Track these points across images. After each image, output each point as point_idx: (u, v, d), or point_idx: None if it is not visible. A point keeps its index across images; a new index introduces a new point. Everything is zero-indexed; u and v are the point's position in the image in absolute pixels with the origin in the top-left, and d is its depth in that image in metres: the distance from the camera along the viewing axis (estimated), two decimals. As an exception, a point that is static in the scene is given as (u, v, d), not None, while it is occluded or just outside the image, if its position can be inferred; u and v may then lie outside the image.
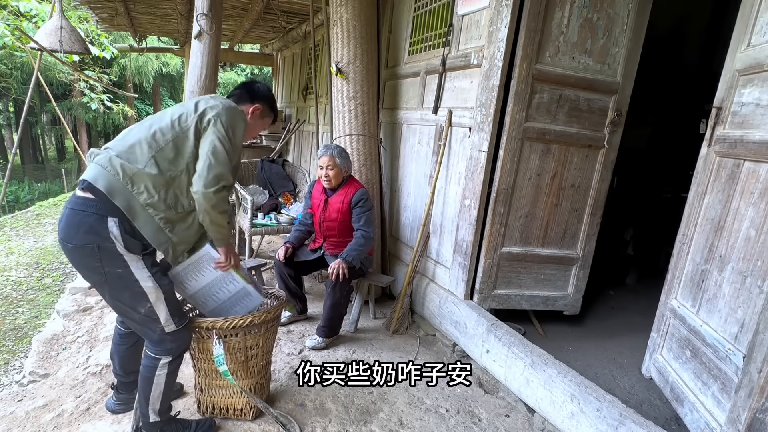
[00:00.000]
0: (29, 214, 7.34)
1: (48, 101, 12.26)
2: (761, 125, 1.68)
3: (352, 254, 2.66)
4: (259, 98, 1.92)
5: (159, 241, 1.63)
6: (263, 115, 1.96)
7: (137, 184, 1.57)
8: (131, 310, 1.63)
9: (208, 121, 1.66)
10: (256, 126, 1.96)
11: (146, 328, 1.66)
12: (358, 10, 3.31)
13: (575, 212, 2.76)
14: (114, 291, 1.61)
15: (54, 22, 4.95)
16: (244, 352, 1.92)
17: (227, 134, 1.67)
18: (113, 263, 1.55)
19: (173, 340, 1.69)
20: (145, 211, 1.58)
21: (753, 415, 1.43)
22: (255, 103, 1.91)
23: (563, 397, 1.95)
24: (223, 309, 1.96)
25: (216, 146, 1.63)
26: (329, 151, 2.72)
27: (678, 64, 4.43)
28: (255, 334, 1.93)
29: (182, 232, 1.68)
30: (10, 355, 3.02)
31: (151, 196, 1.58)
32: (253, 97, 1.91)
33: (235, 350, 1.90)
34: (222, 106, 1.71)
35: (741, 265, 1.73)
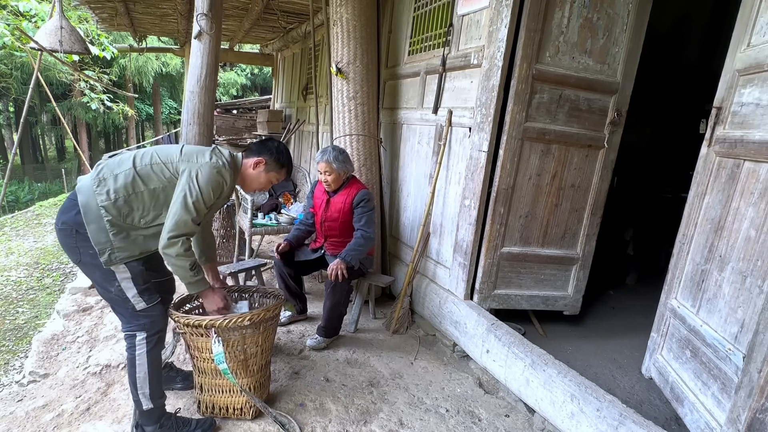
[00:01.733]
0: (29, 214, 7.34)
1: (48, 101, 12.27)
2: (761, 125, 1.68)
3: (351, 254, 2.66)
4: (264, 152, 1.99)
5: (98, 241, 1.72)
6: (268, 170, 2.01)
7: (102, 186, 1.72)
8: (104, 289, 1.80)
9: (183, 170, 1.78)
10: (258, 178, 2.02)
11: (119, 306, 1.82)
12: (358, 10, 3.31)
13: (575, 212, 2.76)
14: (88, 270, 1.81)
15: (54, 22, 4.94)
16: (243, 350, 1.92)
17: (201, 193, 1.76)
18: (87, 245, 1.72)
19: (145, 316, 1.82)
20: (98, 210, 1.71)
21: (753, 415, 1.43)
22: (259, 156, 1.99)
23: (563, 397, 1.95)
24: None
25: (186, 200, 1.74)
26: (326, 156, 2.69)
27: (678, 64, 4.43)
28: (254, 333, 1.93)
29: (123, 240, 1.75)
30: (10, 355, 3.02)
31: (108, 198, 1.71)
32: (259, 151, 2.00)
33: (234, 348, 1.90)
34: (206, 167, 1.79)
35: (741, 265, 1.73)
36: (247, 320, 1.86)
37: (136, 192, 1.75)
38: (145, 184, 1.76)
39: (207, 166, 1.79)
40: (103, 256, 1.73)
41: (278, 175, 2.06)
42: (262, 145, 2.02)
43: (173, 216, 1.73)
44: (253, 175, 2.00)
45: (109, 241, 1.72)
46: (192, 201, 1.74)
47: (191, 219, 1.74)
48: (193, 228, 1.76)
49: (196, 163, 1.80)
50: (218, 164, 1.82)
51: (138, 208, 1.76)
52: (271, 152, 2.00)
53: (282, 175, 2.08)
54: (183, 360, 2.46)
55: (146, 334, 1.81)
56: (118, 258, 1.74)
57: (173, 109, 19.66)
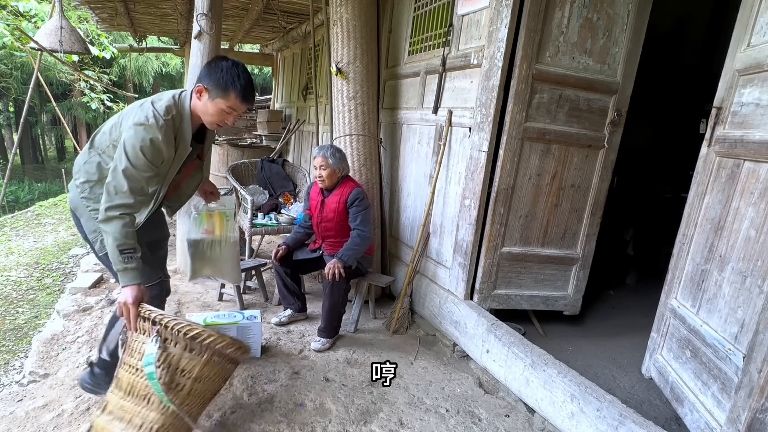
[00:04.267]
0: (29, 214, 7.34)
1: (48, 101, 12.27)
2: (761, 125, 1.68)
3: (348, 254, 2.66)
4: (203, 77, 1.69)
5: (89, 229, 1.78)
6: (212, 97, 1.68)
7: (77, 178, 1.77)
8: (110, 266, 1.80)
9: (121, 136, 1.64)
10: (206, 110, 1.71)
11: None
12: (358, 10, 3.31)
13: (575, 212, 2.76)
14: (95, 251, 1.84)
15: (54, 22, 4.95)
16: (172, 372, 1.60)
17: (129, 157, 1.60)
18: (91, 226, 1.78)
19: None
20: (81, 202, 1.77)
21: (753, 415, 1.43)
22: (199, 82, 1.69)
23: (563, 397, 1.95)
24: None
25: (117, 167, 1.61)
26: (323, 152, 2.73)
27: (678, 64, 4.43)
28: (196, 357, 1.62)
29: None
30: (10, 355, 3.02)
31: (85, 190, 1.75)
32: (200, 77, 1.70)
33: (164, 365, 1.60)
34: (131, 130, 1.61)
35: (741, 265, 1.73)
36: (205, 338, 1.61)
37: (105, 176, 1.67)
38: (108, 165, 1.68)
39: (131, 129, 1.60)
40: (95, 244, 1.77)
41: (227, 101, 1.68)
42: (203, 68, 1.71)
43: (106, 187, 1.61)
44: (200, 107, 1.71)
45: (98, 229, 1.70)
46: (121, 169, 1.59)
47: (128, 188, 1.59)
48: (131, 196, 1.60)
49: (126, 127, 1.64)
50: (142, 120, 1.61)
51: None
52: (210, 75, 1.67)
53: (232, 102, 1.68)
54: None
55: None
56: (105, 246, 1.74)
57: (173, 109, 19.63)
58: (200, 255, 2.27)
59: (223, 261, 2.31)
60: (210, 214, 2.28)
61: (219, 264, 2.31)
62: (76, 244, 5.40)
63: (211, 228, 2.26)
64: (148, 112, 1.63)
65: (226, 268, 2.34)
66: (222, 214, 2.30)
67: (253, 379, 2.31)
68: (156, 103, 1.67)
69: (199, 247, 2.26)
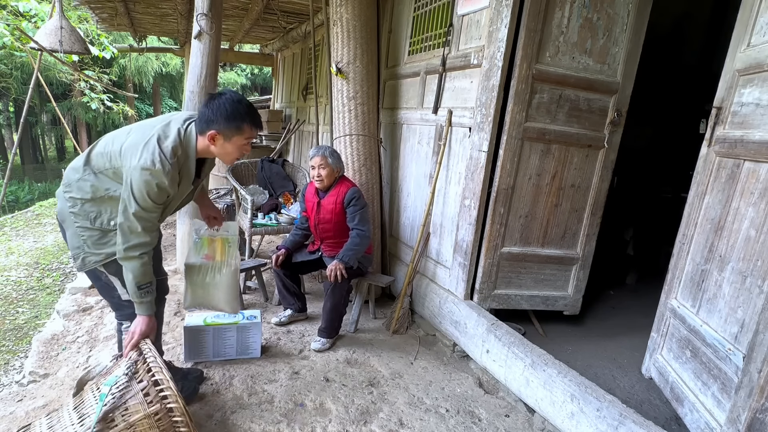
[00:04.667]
0: (29, 214, 7.34)
1: (48, 101, 12.27)
2: (761, 125, 1.68)
3: (349, 254, 2.66)
4: (211, 123, 1.67)
5: (73, 245, 1.76)
6: (228, 138, 1.69)
7: (68, 192, 1.74)
8: (95, 277, 1.85)
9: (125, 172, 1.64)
10: (224, 151, 1.73)
11: (107, 293, 1.89)
12: (358, 10, 3.31)
13: (575, 212, 2.76)
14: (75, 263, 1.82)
15: (54, 22, 4.94)
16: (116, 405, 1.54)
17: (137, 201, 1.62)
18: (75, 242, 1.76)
19: (129, 307, 1.83)
20: (69, 216, 1.74)
21: (753, 415, 1.43)
22: (210, 129, 1.67)
23: (563, 397, 1.95)
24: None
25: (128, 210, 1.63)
26: (321, 152, 2.72)
27: (678, 64, 4.43)
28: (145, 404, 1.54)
29: (97, 243, 1.75)
30: (10, 355, 3.02)
31: (75, 205, 1.72)
32: (207, 121, 1.67)
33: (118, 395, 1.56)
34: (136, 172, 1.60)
35: (741, 265, 1.73)
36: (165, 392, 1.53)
37: (98, 197, 1.70)
38: (105, 188, 1.70)
39: (137, 171, 1.60)
40: (77, 260, 1.76)
41: (243, 135, 1.70)
42: (206, 110, 1.67)
43: (120, 228, 1.66)
44: (217, 150, 1.72)
45: (82, 246, 1.74)
46: (132, 212, 1.63)
47: (141, 228, 1.65)
48: (146, 235, 1.66)
49: (129, 165, 1.63)
50: (148, 164, 1.59)
51: (105, 210, 1.73)
52: (218, 118, 1.65)
53: (248, 133, 1.72)
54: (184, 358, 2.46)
55: (130, 323, 1.83)
56: (91, 262, 1.76)
57: (173, 109, 19.63)
58: (198, 282, 2.13)
59: (221, 289, 2.16)
60: (212, 239, 2.19)
61: (217, 292, 2.16)
62: (76, 244, 5.40)
63: (212, 254, 2.15)
64: (154, 156, 1.61)
65: (224, 297, 2.17)
66: (224, 240, 2.19)
67: (253, 379, 2.31)
68: (162, 143, 1.64)
69: (197, 273, 2.12)
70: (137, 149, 1.63)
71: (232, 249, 2.19)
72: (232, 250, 2.19)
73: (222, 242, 2.18)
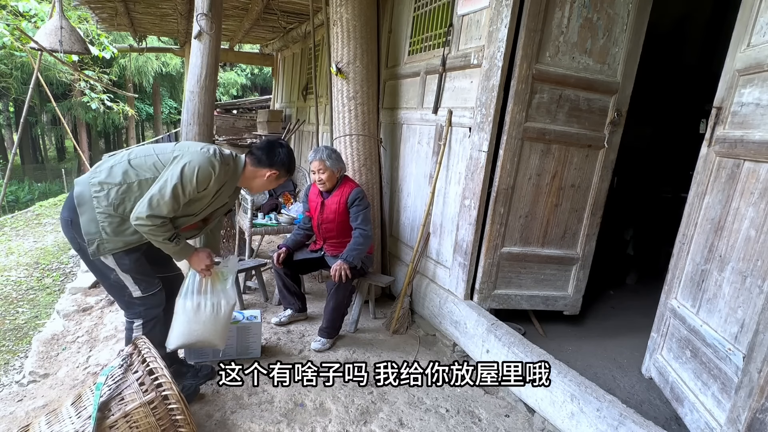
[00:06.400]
0: (29, 214, 7.34)
1: (48, 101, 12.26)
2: (761, 125, 1.68)
3: (353, 254, 2.66)
4: (276, 165, 2.03)
5: (87, 231, 1.78)
6: (278, 179, 2.09)
7: (96, 177, 1.79)
8: (103, 277, 1.91)
9: (174, 158, 1.82)
10: (269, 185, 2.11)
11: (117, 293, 1.94)
12: (358, 10, 3.30)
13: (575, 212, 2.76)
14: (87, 259, 1.87)
15: (54, 22, 4.94)
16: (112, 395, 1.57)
17: (183, 176, 1.78)
18: (82, 236, 1.80)
19: (141, 304, 1.94)
20: (91, 201, 1.77)
21: (753, 415, 1.43)
22: (272, 169, 2.03)
23: (563, 397, 1.95)
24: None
25: (166, 183, 1.76)
26: (319, 155, 2.70)
27: (678, 64, 4.43)
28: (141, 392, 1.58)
29: (115, 231, 1.80)
30: (10, 355, 3.02)
31: (101, 189, 1.77)
32: (271, 163, 2.03)
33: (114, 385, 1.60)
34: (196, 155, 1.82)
35: (741, 265, 1.73)
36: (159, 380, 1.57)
37: (128, 183, 1.78)
38: (138, 175, 1.80)
39: (198, 155, 1.82)
40: (91, 246, 1.79)
41: (283, 180, 2.13)
42: (271, 155, 2.02)
43: (149, 194, 1.75)
44: (264, 183, 2.06)
45: (99, 232, 1.78)
46: (171, 185, 1.75)
47: (165, 203, 1.75)
48: (164, 213, 1.76)
49: (188, 152, 1.83)
50: (209, 154, 1.84)
51: (130, 198, 1.79)
52: (283, 164, 2.05)
53: (287, 176, 2.14)
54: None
55: (142, 321, 1.95)
56: (106, 249, 1.80)
57: (173, 109, 19.66)
58: (187, 318, 2.02)
59: (216, 325, 2.08)
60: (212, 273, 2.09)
61: (212, 329, 2.07)
62: (76, 244, 5.40)
63: (205, 289, 2.06)
64: (215, 151, 1.88)
65: (217, 332, 2.09)
66: (220, 274, 2.11)
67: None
68: (219, 151, 1.92)
69: (192, 310, 2.02)
70: (198, 144, 1.90)
71: (230, 283, 2.13)
72: (229, 284, 2.12)
73: (218, 276, 2.10)
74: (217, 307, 2.08)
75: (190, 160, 1.80)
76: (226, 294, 2.12)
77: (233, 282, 2.16)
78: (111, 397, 1.58)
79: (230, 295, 2.13)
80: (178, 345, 2.06)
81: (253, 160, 2.02)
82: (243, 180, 2.05)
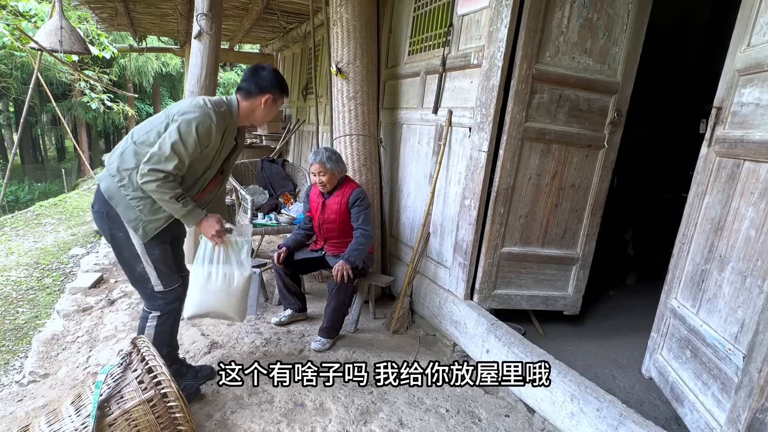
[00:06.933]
0: (29, 214, 7.34)
1: (48, 101, 12.26)
2: (761, 125, 1.68)
3: (354, 254, 2.67)
4: (266, 88, 1.98)
5: (128, 218, 1.84)
6: (275, 101, 2.03)
7: (113, 167, 1.82)
8: (129, 269, 1.96)
9: (173, 119, 1.82)
10: (270, 112, 2.05)
11: (140, 285, 1.99)
12: (358, 10, 3.31)
13: (575, 212, 2.76)
14: (118, 250, 1.94)
15: (54, 22, 4.95)
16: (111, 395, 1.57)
17: (180, 132, 1.77)
18: (117, 227, 1.87)
19: (161, 298, 1.99)
20: (119, 191, 1.82)
21: (753, 415, 1.43)
22: (265, 93, 1.98)
23: (563, 397, 1.95)
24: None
25: (165, 140, 1.77)
26: (318, 158, 2.69)
27: (678, 64, 4.43)
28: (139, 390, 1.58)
29: (150, 211, 1.84)
30: (10, 355, 3.02)
31: (123, 178, 1.81)
32: (261, 88, 1.98)
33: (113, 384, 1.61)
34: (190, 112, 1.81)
35: (741, 265, 1.73)
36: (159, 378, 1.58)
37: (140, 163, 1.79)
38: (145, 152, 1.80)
39: (191, 111, 1.81)
40: (138, 231, 1.85)
41: (282, 100, 2.09)
42: (258, 80, 1.97)
43: (150, 154, 1.75)
44: (263, 112, 2.02)
45: (139, 217, 1.83)
46: (171, 141, 1.75)
47: (166, 158, 1.74)
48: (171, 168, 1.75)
49: (181, 111, 1.82)
50: (201, 104, 1.83)
51: None
52: (273, 84, 1.99)
53: (284, 99, 2.11)
54: (193, 356, 2.46)
55: (159, 313, 2.00)
56: (152, 228, 1.86)
57: (173, 109, 19.63)
58: (203, 288, 2.01)
59: (230, 297, 2.03)
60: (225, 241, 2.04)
61: (225, 300, 2.03)
62: (76, 244, 5.40)
63: (218, 258, 2.03)
64: (205, 100, 1.86)
65: (232, 305, 2.05)
66: (236, 243, 2.05)
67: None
68: (208, 99, 1.90)
69: (203, 278, 2.00)
70: (187, 101, 1.87)
71: (243, 253, 2.07)
72: (242, 254, 2.07)
73: (232, 246, 2.05)
74: (230, 278, 2.03)
75: (185, 118, 1.78)
76: (241, 264, 2.06)
77: (248, 252, 2.09)
78: (110, 396, 1.58)
79: (245, 266, 2.06)
80: (192, 314, 2.05)
81: (243, 93, 1.98)
82: (242, 118, 2.01)
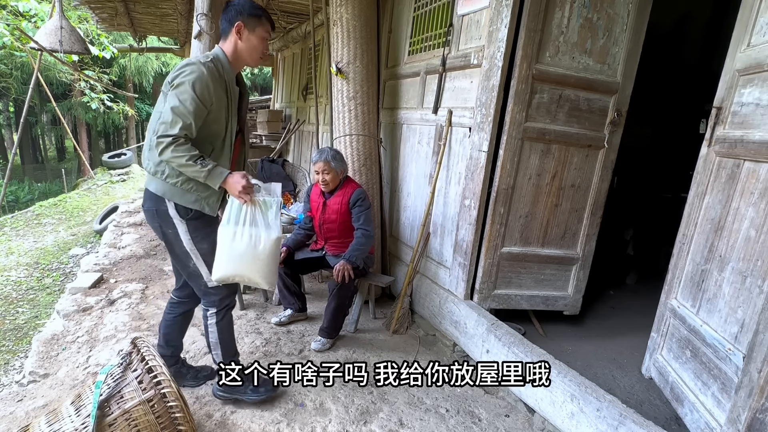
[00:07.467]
0: (29, 214, 7.34)
1: (48, 101, 12.27)
2: (761, 125, 1.68)
3: (355, 254, 2.67)
4: (235, 17, 1.84)
5: (189, 201, 1.85)
6: (250, 28, 1.86)
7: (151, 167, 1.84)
8: (183, 266, 1.98)
9: (168, 90, 1.79)
10: (251, 42, 1.88)
11: (194, 281, 2.02)
12: (358, 10, 3.31)
13: (575, 212, 2.76)
14: (170, 247, 1.97)
15: (54, 22, 4.95)
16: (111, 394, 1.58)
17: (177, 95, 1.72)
18: (167, 224, 1.89)
19: (215, 294, 2.00)
20: (167, 185, 1.83)
21: (753, 415, 1.43)
22: (236, 21, 1.83)
23: (563, 397, 1.95)
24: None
25: (166, 107, 1.74)
26: (323, 156, 2.71)
27: (678, 64, 4.43)
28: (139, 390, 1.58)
29: (200, 187, 1.84)
30: (10, 355, 3.02)
31: (163, 171, 1.81)
32: (230, 19, 1.85)
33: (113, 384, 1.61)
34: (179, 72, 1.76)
35: (741, 265, 1.73)
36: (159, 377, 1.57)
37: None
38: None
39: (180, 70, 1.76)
40: (205, 210, 1.88)
41: (263, 28, 1.89)
42: (225, 15, 1.85)
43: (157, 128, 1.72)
44: (245, 47, 1.87)
45: (198, 197, 1.85)
46: (171, 106, 1.71)
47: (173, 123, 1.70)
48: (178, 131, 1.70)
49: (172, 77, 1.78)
50: (187, 62, 1.77)
51: None
52: (240, 12, 1.83)
53: (268, 27, 1.91)
54: (193, 356, 2.46)
55: (215, 310, 2.02)
56: (213, 201, 1.89)
57: (173, 109, 19.62)
58: (228, 249, 1.87)
59: (256, 260, 1.89)
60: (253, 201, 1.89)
61: (251, 263, 1.89)
62: (76, 244, 5.41)
63: (244, 219, 1.88)
64: (190, 59, 1.80)
65: (261, 268, 1.91)
66: (263, 203, 1.90)
67: (253, 379, 2.31)
68: (193, 57, 1.86)
69: (228, 239, 1.87)
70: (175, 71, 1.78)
71: (272, 213, 1.92)
72: (271, 215, 1.91)
73: (260, 205, 1.91)
74: (256, 239, 1.87)
75: (177, 81, 1.74)
76: (268, 226, 1.90)
77: (278, 212, 1.93)
78: (110, 396, 1.59)
79: (272, 228, 1.90)
80: (218, 277, 1.91)
81: (219, 34, 1.88)
82: (233, 63, 1.89)
